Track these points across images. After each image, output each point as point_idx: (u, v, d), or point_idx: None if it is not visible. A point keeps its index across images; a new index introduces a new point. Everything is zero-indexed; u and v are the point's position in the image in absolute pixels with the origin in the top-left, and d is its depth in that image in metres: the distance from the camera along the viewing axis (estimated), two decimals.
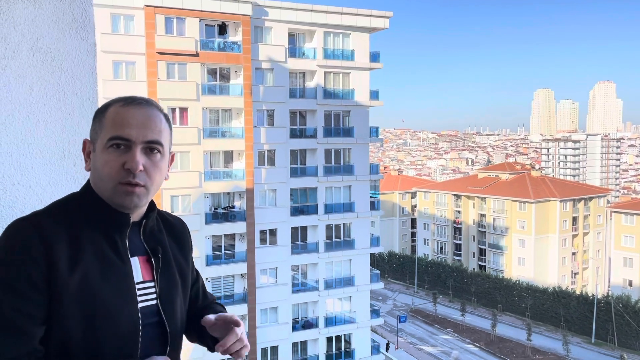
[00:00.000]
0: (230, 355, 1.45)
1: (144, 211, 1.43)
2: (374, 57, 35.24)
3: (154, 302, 1.38)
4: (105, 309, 1.26)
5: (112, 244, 1.33)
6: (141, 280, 1.37)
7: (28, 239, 1.23)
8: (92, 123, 1.39)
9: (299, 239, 33.70)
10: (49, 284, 1.22)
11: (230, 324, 1.44)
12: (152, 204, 1.45)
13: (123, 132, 1.30)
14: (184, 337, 1.58)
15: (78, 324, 1.24)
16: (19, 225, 1.26)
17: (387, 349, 37.71)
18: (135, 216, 1.40)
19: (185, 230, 1.57)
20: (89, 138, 1.40)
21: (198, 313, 1.56)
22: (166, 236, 1.49)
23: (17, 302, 1.20)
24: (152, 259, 1.41)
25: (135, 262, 1.37)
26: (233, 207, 31.94)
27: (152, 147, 1.34)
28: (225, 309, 1.62)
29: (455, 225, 76.36)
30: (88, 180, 1.40)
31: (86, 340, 1.25)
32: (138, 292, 1.34)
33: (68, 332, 1.24)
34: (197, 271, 1.65)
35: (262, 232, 32.33)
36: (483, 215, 72.22)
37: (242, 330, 1.45)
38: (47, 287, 1.22)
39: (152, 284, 1.39)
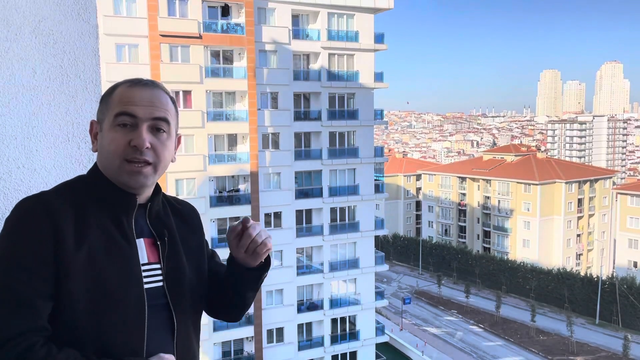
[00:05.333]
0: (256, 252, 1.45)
1: (150, 194, 1.44)
2: (379, 38, 34.89)
3: (160, 284, 1.39)
4: (111, 288, 1.28)
5: (118, 224, 1.35)
6: (146, 262, 1.38)
7: (35, 216, 1.25)
8: (100, 105, 1.40)
9: (304, 222, 33.81)
10: (56, 261, 1.23)
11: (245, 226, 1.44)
12: (157, 187, 1.46)
13: (129, 109, 1.33)
14: (214, 316, 1.61)
15: (85, 302, 1.25)
16: (26, 203, 1.28)
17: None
18: (142, 198, 1.41)
19: (194, 214, 1.58)
20: (96, 119, 1.41)
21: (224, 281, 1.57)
22: (174, 220, 1.50)
23: (24, 276, 1.21)
24: (158, 242, 1.42)
25: (141, 244, 1.38)
26: (238, 190, 32.02)
27: (158, 126, 1.36)
28: None
29: (460, 208, 76.38)
30: (95, 163, 1.41)
31: (93, 319, 1.26)
32: (143, 274, 1.35)
33: (75, 311, 1.25)
34: (213, 251, 1.65)
35: (267, 215, 32.44)
36: (488, 198, 72.17)
37: (255, 228, 1.43)
38: (54, 264, 1.23)
39: (157, 266, 1.40)
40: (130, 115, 1.32)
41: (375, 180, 35.89)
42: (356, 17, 33.81)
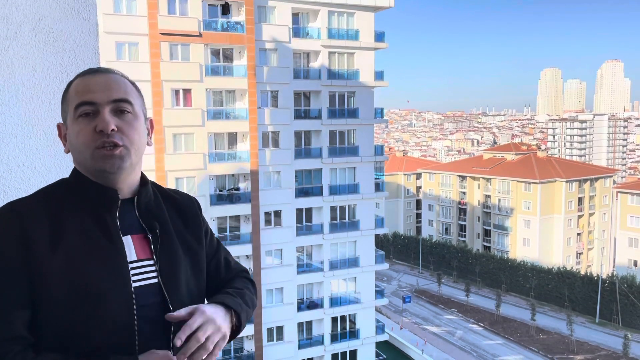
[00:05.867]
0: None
1: (136, 186, 1.39)
2: (379, 36, 34.86)
3: (154, 280, 1.33)
4: (92, 290, 1.22)
5: (101, 223, 1.30)
6: (135, 259, 1.32)
7: (5, 223, 1.23)
8: (61, 107, 1.37)
9: (304, 221, 33.81)
10: (29, 267, 1.20)
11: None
12: (144, 179, 1.41)
13: (86, 97, 1.29)
14: None
15: (67, 305, 1.21)
16: (1, 210, 1.26)
17: None
18: (127, 192, 1.36)
19: (192, 204, 1.52)
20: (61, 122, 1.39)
21: (220, 287, 1.50)
22: (168, 212, 1.44)
23: None
24: (150, 236, 1.36)
25: (128, 241, 1.33)
26: (238, 188, 32.01)
27: (121, 108, 1.32)
28: (242, 291, 1.48)
29: (460, 206, 76.35)
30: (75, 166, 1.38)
31: (78, 322, 1.22)
32: (132, 272, 1.30)
33: (58, 315, 1.21)
34: (217, 243, 1.57)
35: (267, 214, 32.45)
36: (488, 196, 72.14)
37: (206, 330, 1.27)
38: (27, 270, 1.20)
39: (150, 262, 1.34)
40: (89, 103, 1.28)
41: (376, 178, 35.87)
42: (356, 16, 33.77)
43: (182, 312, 1.29)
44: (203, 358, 1.28)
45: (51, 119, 1.75)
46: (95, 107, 1.28)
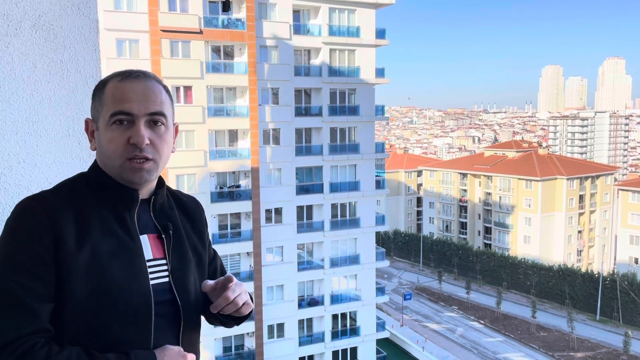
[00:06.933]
0: (233, 315, 1.48)
1: (153, 188, 1.42)
2: (380, 33, 34.81)
3: (166, 279, 1.38)
4: (115, 286, 1.26)
5: (121, 221, 1.33)
6: (151, 257, 1.37)
7: (34, 217, 1.23)
8: (92, 101, 1.38)
9: (305, 218, 33.83)
10: (56, 262, 1.22)
11: (225, 285, 1.42)
12: (160, 181, 1.44)
13: (124, 107, 1.30)
14: (205, 320, 1.58)
15: (88, 302, 1.24)
16: (26, 204, 1.27)
17: None
18: (145, 193, 1.40)
19: (198, 209, 1.56)
20: (90, 117, 1.39)
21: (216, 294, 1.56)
22: (178, 213, 1.48)
23: (23, 279, 1.19)
24: (163, 236, 1.41)
25: (145, 240, 1.37)
26: (238, 186, 32.03)
27: (155, 120, 1.34)
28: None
29: (461, 204, 76.35)
30: (96, 160, 1.40)
31: (99, 318, 1.25)
32: (149, 270, 1.34)
33: (80, 311, 1.24)
34: (214, 251, 1.64)
35: (268, 211, 32.46)
36: (489, 194, 72.13)
37: (235, 291, 1.43)
38: (54, 265, 1.22)
39: (163, 261, 1.39)
40: (126, 114, 1.30)
41: (376, 176, 35.87)
42: (357, 13, 33.73)
43: (216, 280, 1.43)
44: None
45: (51, 116, 1.75)
46: (131, 117, 1.30)
